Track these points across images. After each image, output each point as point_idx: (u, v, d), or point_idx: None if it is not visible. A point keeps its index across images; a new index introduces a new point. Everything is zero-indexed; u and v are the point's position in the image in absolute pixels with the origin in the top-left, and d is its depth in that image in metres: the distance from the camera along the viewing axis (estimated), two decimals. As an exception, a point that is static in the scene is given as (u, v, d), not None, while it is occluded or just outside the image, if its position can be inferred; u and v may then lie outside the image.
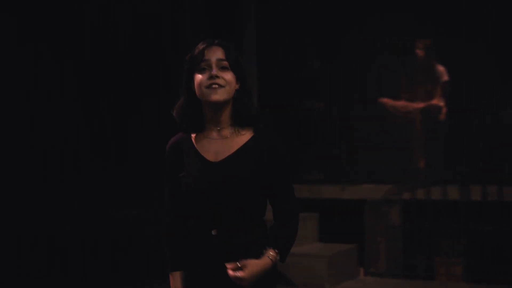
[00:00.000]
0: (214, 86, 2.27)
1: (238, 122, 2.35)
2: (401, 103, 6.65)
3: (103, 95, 6.25)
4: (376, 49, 6.70)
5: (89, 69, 6.19)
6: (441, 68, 6.52)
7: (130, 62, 6.23)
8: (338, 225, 6.31)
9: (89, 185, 5.95)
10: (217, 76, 2.28)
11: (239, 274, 2.20)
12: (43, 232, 5.69)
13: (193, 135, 2.40)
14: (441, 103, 6.51)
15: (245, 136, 2.35)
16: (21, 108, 5.73)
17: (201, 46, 2.34)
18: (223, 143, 2.34)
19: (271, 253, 2.28)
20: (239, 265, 2.21)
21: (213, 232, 2.28)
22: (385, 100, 6.67)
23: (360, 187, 6.42)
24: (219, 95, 2.28)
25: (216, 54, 2.31)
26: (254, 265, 2.23)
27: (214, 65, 2.30)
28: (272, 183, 2.32)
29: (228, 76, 2.30)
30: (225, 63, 2.30)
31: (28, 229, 5.65)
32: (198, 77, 2.31)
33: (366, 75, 6.78)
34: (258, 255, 2.26)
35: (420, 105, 6.57)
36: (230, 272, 2.21)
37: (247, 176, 2.27)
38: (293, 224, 2.38)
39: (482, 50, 6.13)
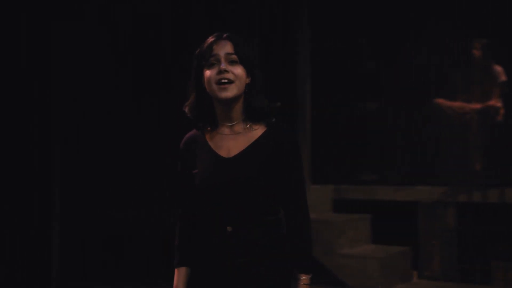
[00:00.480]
0: (223, 81, 2.24)
1: (250, 117, 2.32)
2: (457, 104, 6.53)
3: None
4: (432, 49, 6.61)
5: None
6: (498, 68, 6.39)
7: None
8: (391, 227, 6.23)
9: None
10: (226, 71, 2.25)
11: None
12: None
13: (205, 132, 2.37)
14: (499, 104, 6.37)
15: (258, 131, 2.32)
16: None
17: (209, 41, 2.30)
18: (235, 138, 2.31)
19: (303, 278, 2.27)
20: None
21: (229, 229, 2.24)
22: (441, 101, 6.56)
23: (414, 188, 6.33)
24: (229, 92, 2.25)
25: (225, 48, 2.28)
26: None
27: (223, 60, 2.26)
28: (283, 179, 2.26)
29: (238, 70, 2.27)
30: (234, 57, 2.27)
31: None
32: (207, 72, 2.28)
33: (421, 75, 6.69)
34: (271, 251, 2.25)
35: (477, 106, 6.44)
36: None
37: (259, 171, 2.23)
38: (306, 229, 2.30)
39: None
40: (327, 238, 6.08)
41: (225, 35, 2.31)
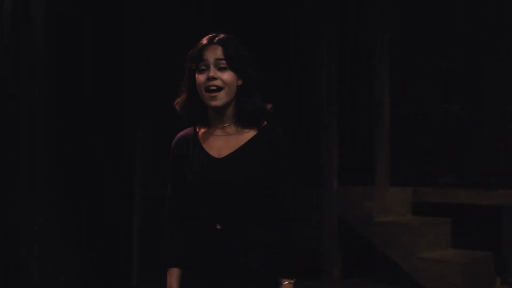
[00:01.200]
0: (211, 88, 2.26)
1: (242, 119, 2.33)
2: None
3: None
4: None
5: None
6: None
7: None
8: (473, 232, 6.06)
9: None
10: (214, 78, 2.27)
11: None
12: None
13: (198, 131, 2.39)
14: None
15: (250, 133, 2.34)
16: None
17: (200, 45, 2.32)
18: (227, 139, 2.33)
19: (285, 283, 2.28)
20: None
21: (218, 226, 2.26)
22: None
23: (497, 192, 6.14)
24: (218, 101, 2.28)
25: (214, 53, 2.29)
26: None
27: (212, 66, 2.28)
28: (269, 181, 2.28)
29: (227, 76, 2.28)
30: (223, 62, 2.28)
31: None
32: (198, 77, 2.30)
33: (502, 77, 6.50)
34: (260, 250, 2.26)
35: None
36: None
37: (249, 172, 2.26)
38: (288, 233, 2.30)
39: None
40: (405, 241, 5.97)
41: (216, 38, 2.31)
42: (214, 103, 2.28)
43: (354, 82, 6.88)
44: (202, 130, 2.39)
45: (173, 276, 2.38)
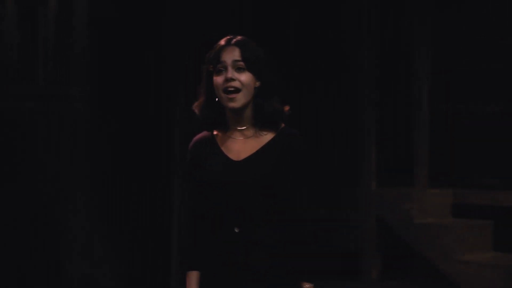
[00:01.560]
0: (230, 89, 2.27)
1: (260, 121, 2.34)
2: None
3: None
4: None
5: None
6: None
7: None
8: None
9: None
10: (232, 79, 2.27)
11: None
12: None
13: (216, 134, 2.39)
14: None
15: (268, 135, 2.34)
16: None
17: (218, 46, 2.33)
18: (246, 142, 2.34)
19: (306, 286, 2.29)
20: None
21: (236, 229, 2.27)
22: None
23: (542, 194, 6.04)
24: (236, 102, 2.29)
25: (232, 55, 2.29)
26: None
27: (230, 67, 2.29)
28: (287, 183, 2.30)
29: (245, 77, 2.29)
30: (241, 64, 2.29)
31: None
32: (215, 79, 2.31)
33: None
34: (278, 253, 2.27)
35: None
36: None
37: (267, 175, 2.28)
38: (306, 236, 2.32)
39: None
40: (445, 243, 5.91)
41: (233, 40, 2.33)
42: (232, 104, 2.29)
43: (394, 83, 6.82)
44: (220, 133, 2.40)
45: (193, 279, 2.37)
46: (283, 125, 2.38)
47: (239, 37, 2.34)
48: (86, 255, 5.19)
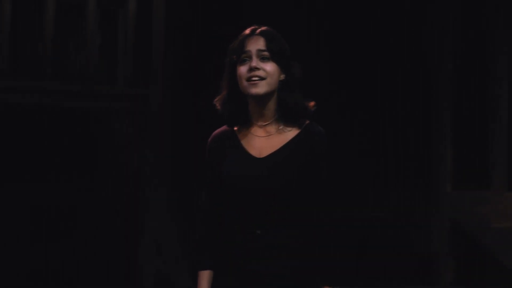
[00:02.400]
0: (254, 78, 2.20)
1: (283, 116, 2.26)
2: None
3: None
4: None
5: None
6: None
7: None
8: None
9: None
10: (257, 68, 2.20)
11: None
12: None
13: (237, 129, 2.30)
14: None
15: (291, 132, 2.26)
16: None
17: (242, 36, 2.26)
18: (268, 139, 2.25)
19: None
20: None
21: (258, 231, 2.20)
22: None
23: None
24: (259, 88, 2.20)
25: (257, 45, 2.22)
26: None
27: (254, 56, 2.21)
28: (310, 183, 2.21)
29: (270, 67, 2.22)
30: (266, 53, 2.22)
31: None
32: (240, 69, 2.23)
33: None
34: (300, 255, 2.19)
35: None
36: None
37: (290, 173, 2.19)
38: (323, 239, 2.23)
39: None
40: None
41: (258, 30, 2.26)
42: (255, 90, 2.20)
43: (471, 85, 6.69)
44: (242, 129, 2.30)
45: (205, 278, 2.28)
46: (307, 121, 2.28)
47: (264, 27, 2.27)
48: (163, 252, 5.28)
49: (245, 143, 2.27)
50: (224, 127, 2.34)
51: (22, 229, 5.58)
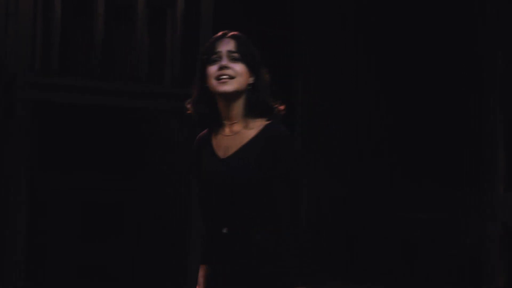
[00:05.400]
0: (223, 77, 2.27)
1: (249, 116, 2.31)
2: None
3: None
4: None
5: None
6: None
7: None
8: None
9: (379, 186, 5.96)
10: (226, 67, 2.28)
11: None
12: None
13: (212, 131, 2.39)
14: None
15: (253, 130, 2.31)
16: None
17: (213, 39, 2.35)
18: (233, 138, 2.32)
19: None
20: None
21: (224, 230, 2.26)
22: None
23: None
24: (227, 86, 2.27)
25: (227, 46, 2.31)
26: None
27: (224, 57, 2.29)
28: (272, 182, 2.24)
29: (239, 67, 2.29)
30: (236, 54, 2.29)
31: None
32: (209, 69, 2.31)
33: None
34: (262, 261, 2.22)
35: None
36: None
37: (248, 172, 2.24)
38: (291, 240, 2.21)
39: None
40: None
41: (230, 33, 2.35)
42: (223, 87, 2.27)
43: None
44: (214, 130, 2.40)
45: (201, 272, 2.44)
46: (268, 122, 2.33)
47: (235, 32, 2.36)
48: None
49: (215, 144, 2.37)
50: (206, 130, 2.44)
51: (73, 227, 5.67)
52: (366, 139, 6.33)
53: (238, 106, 2.33)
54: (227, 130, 2.36)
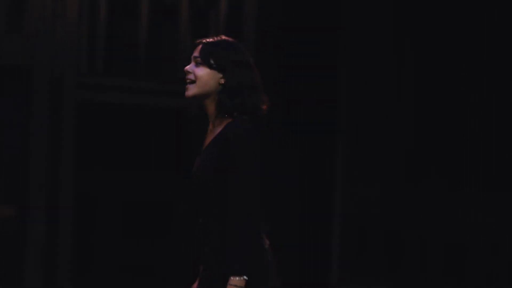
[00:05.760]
0: (187, 82, 2.47)
1: (224, 114, 2.44)
2: None
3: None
4: None
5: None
6: None
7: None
8: None
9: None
10: (188, 72, 2.46)
11: None
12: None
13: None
14: None
15: (219, 128, 2.44)
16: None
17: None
18: (209, 136, 2.48)
19: (231, 279, 2.30)
20: None
21: (200, 220, 2.44)
22: None
23: None
24: (188, 91, 2.46)
25: (195, 52, 2.47)
26: None
27: (192, 62, 2.47)
28: (228, 177, 2.36)
29: (199, 71, 2.44)
30: (199, 59, 2.44)
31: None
32: None
33: None
34: (217, 251, 2.36)
35: None
36: None
37: (207, 168, 2.39)
38: (242, 231, 2.32)
39: None
40: None
41: (205, 39, 2.49)
42: (186, 93, 2.47)
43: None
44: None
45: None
46: (231, 119, 2.43)
47: (213, 38, 2.50)
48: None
49: (205, 139, 2.54)
50: None
51: (116, 225, 5.74)
52: (412, 140, 6.25)
53: (211, 106, 2.49)
54: (210, 126, 2.53)
